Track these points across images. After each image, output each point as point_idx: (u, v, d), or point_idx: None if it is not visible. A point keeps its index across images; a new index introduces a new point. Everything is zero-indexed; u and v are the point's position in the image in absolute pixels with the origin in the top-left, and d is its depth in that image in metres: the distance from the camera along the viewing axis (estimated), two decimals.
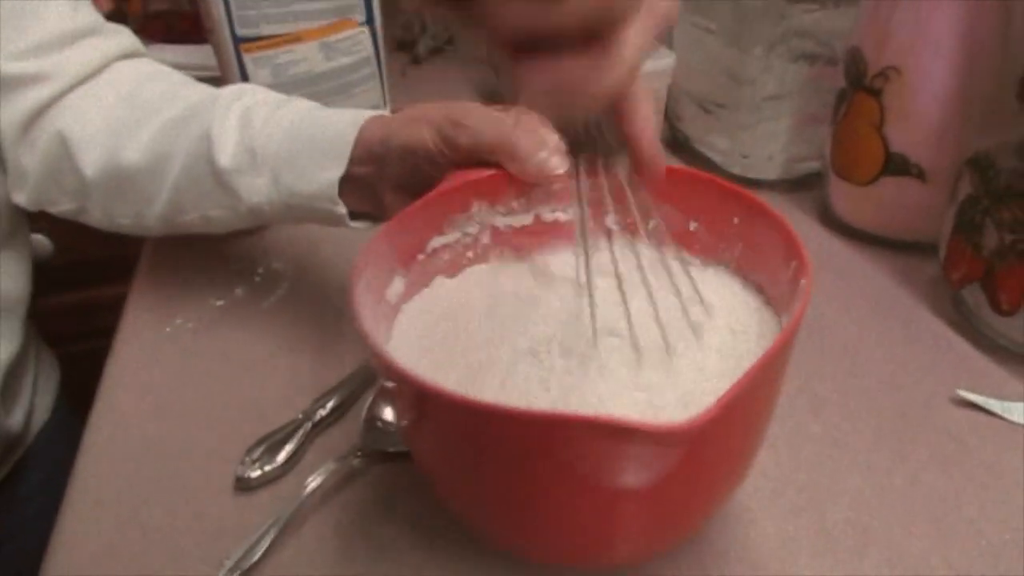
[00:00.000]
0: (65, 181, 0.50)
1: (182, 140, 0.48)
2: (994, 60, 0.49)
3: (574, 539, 0.32)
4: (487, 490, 0.31)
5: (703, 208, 0.38)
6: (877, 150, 0.54)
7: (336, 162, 0.43)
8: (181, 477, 0.41)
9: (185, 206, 0.49)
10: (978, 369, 0.45)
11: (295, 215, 0.47)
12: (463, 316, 0.38)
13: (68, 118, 0.50)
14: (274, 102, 0.49)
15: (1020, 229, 0.43)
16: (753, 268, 0.37)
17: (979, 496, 0.37)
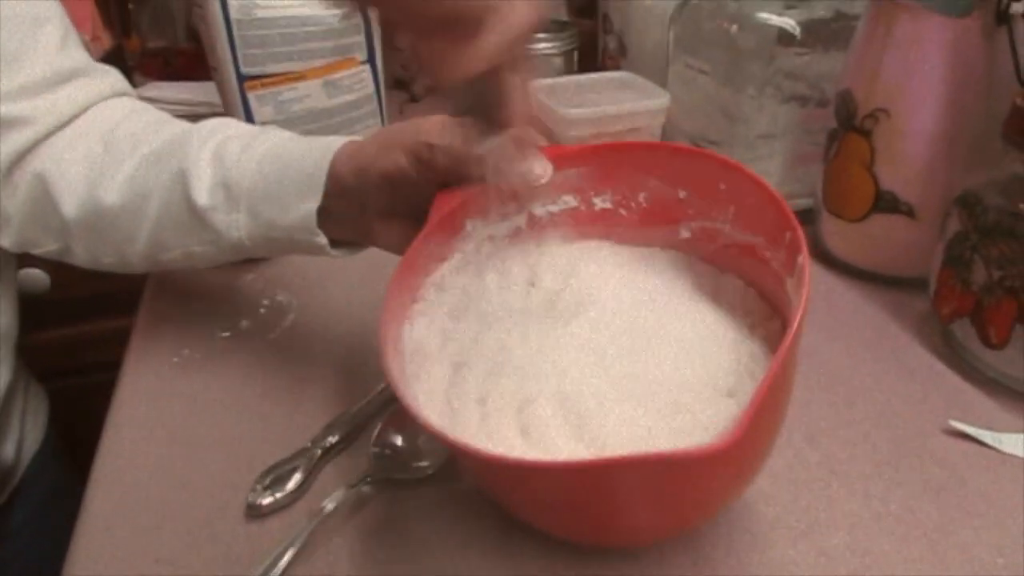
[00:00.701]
0: (47, 223, 0.50)
1: (158, 179, 0.48)
2: (979, 102, 0.51)
3: (600, 529, 0.36)
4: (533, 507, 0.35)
5: (690, 177, 0.42)
6: (867, 188, 0.56)
7: (312, 194, 0.44)
8: (192, 505, 0.41)
9: (167, 243, 0.49)
10: (968, 401, 0.47)
11: (277, 247, 0.48)
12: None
13: (48, 161, 0.50)
14: (247, 135, 0.49)
15: (1008, 265, 0.44)
16: (747, 228, 0.40)
17: (972, 523, 0.39)
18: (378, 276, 0.51)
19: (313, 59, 0.75)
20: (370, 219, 0.44)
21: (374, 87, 0.81)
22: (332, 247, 0.46)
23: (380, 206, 0.44)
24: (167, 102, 0.98)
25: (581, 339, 0.39)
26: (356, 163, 0.43)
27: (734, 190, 0.41)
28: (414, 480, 0.42)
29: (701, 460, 0.26)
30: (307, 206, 0.44)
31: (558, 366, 0.38)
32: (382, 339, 0.34)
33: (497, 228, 0.44)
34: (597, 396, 0.36)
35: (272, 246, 0.47)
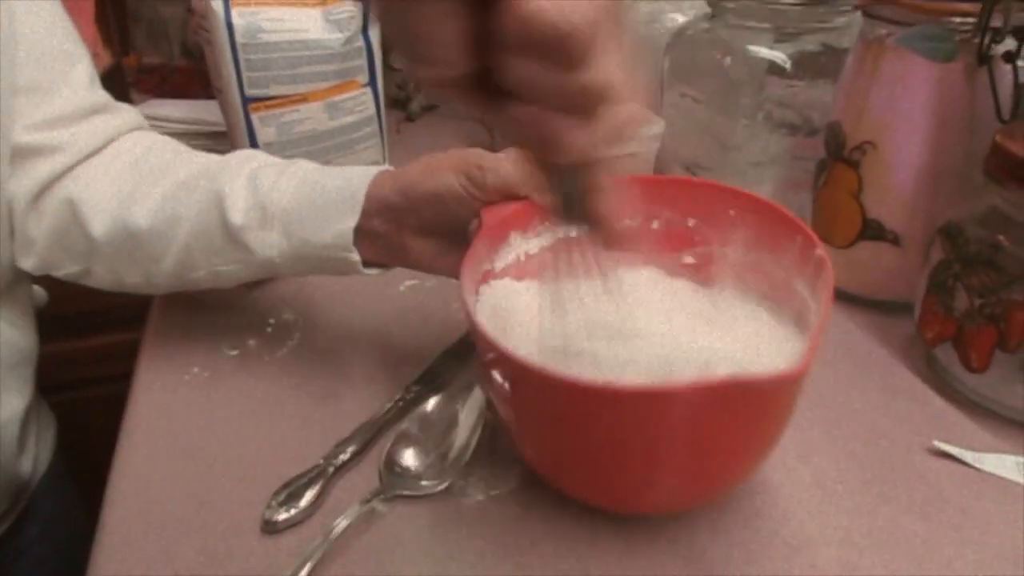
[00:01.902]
0: (72, 245, 0.52)
1: (191, 201, 0.50)
2: (962, 137, 0.54)
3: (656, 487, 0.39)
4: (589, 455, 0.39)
5: (694, 206, 0.47)
6: (855, 216, 0.58)
7: (350, 213, 0.47)
8: (209, 521, 0.43)
9: (196, 263, 0.51)
10: (952, 422, 0.49)
11: (307, 266, 0.50)
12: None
13: (77, 186, 0.52)
14: (281, 164, 0.52)
15: (987, 293, 0.47)
16: (759, 247, 0.45)
17: (955, 538, 0.41)
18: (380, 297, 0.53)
19: (316, 82, 0.77)
20: (405, 237, 0.47)
21: (375, 109, 0.83)
22: (363, 267, 0.48)
23: (418, 223, 0.47)
24: (165, 120, 0.99)
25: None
26: (400, 183, 0.47)
27: (742, 215, 0.46)
28: (423, 496, 0.43)
29: (779, 381, 0.32)
30: (344, 224, 0.47)
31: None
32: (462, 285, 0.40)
33: (534, 243, 0.48)
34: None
35: (302, 265, 0.49)
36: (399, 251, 0.48)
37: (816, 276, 0.41)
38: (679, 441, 0.36)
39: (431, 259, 0.48)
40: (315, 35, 0.75)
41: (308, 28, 0.75)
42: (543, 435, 0.41)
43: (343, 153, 0.82)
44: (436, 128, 1.06)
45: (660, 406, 0.34)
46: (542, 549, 0.41)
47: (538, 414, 0.40)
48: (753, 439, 0.38)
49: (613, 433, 0.36)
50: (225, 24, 0.71)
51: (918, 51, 0.51)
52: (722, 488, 0.42)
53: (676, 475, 0.38)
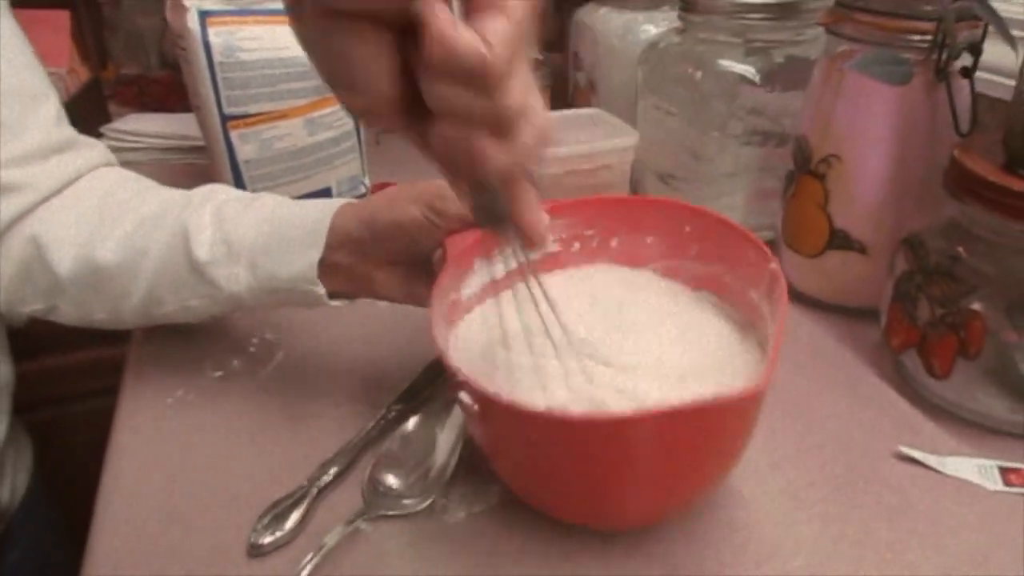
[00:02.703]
0: (38, 283, 0.52)
1: (157, 237, 0.50)
2: (923, 149, 0.55)
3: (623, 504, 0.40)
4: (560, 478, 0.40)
5: (653, 223, 0.48)
6: (822, 227, 0.60)
7: (313, 247, 0.47)
8: (195, 545, 0.43)
9: (162, 299, 0.51)
10: (917, 427, 0.51)
11: (274, 299, 0.50)
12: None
13: (42, 223, 0.52)
14: (246, 197, 0.53)
15: (948, 303, 0.48)
16: (713, 260, 0.47)
17: (920, 543, 0.42)
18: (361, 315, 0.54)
19: (295, 98, 0.78)
20: (370, 269, 0.48)
21: (354, 124, 0.84)
22: (329, 298, 0.49)
23: (382, 255, 0.48)
24: (145, 135, 0.99)
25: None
26: (362, 216, 0.47)
27: (698, 231, 0.48)
28: (406, 515, 0.44)
29: (742, 400, 0.33)
30: (308, 257, 0.47)
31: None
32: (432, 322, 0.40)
33: (499, 267, 0.48)
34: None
35: (269, 299, 0.50)
36: (364, 282, 0.49)
37: (771, 290, 0.42)
38: (645, 463, 0.37)
39: (396, 289, 0.49)
40: (293, 52, 0.76)
41: (286, 46, 0.75)
42: (514, 461, 0.42)
43: (323, 168, 0.82)
44: None
45: (622, 433, 0.35)
46: (523, 565, 0.42)
47: (508, 442, 0.41)
48: (718, 454, 0.39)
49: (579, 459, 0.38)
50: (202, 43, 0.72)
51: (874, 75, 0.53)
52: (692, 500, 0.43)
53: (645, 494, 0.39)
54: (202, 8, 0.71)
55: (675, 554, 0.42)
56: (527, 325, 0.45)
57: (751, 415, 0.38)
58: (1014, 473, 0.46)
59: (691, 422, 0.34)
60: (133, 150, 0.97)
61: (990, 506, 0.44)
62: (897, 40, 0.53)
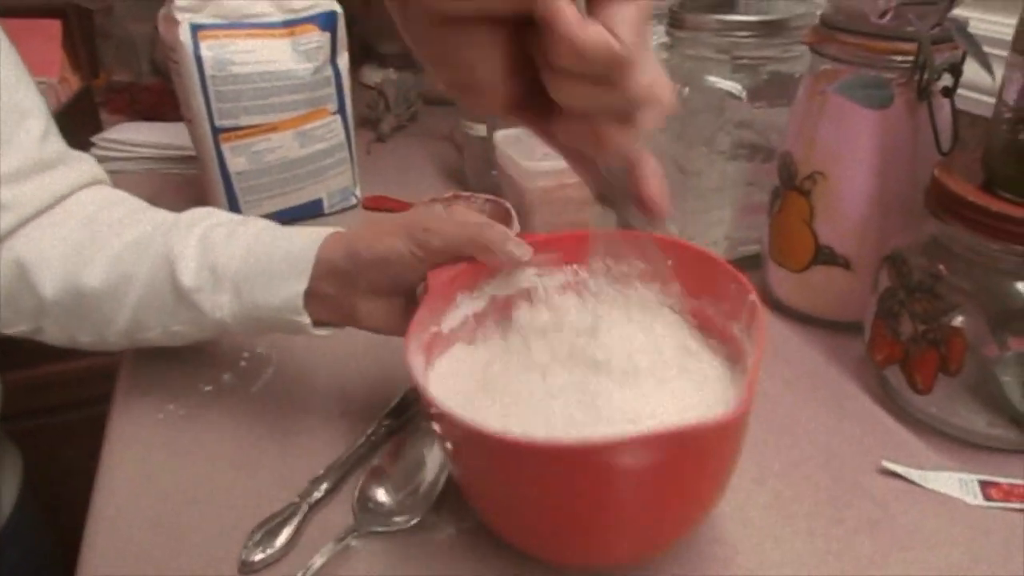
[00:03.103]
0: (23, 305, 0.52)
1: (142, 262, 0.50)
2: (906, 167, 0.56)
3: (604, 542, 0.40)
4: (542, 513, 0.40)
5: (636, 256, 0.47)
6: (808, 242, 0.60)
7: (299, 277, 0.48)
8: (186, 563, 0.44)
9: (148, 323, 0.52)
10: (900, 441, 0.52)
11: (259, 327, 0.51)
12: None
13: (27, 245, 0.51)
14: (232, 222, 0.53)
15: (930, 320, 0.49)
16: (696, 293, 0.47)
17: (902, 557, 0.43)
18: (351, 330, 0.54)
19: (286, 111, 0.78)
20: (355, 300, 0.48)
21: (344, 136, 0.84)
22: (313, 327, 0.49)
23: (366, 286, 0.48)
24: (136, 145, 0.99)
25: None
26: (348, 248, 0.47)
27: (681, 264, 0.47)
28: (396, 532, 0.45)
29: (719, 428, 0.33)
30: (294, 288, 0.47)
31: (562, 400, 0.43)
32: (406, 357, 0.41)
33: (480, 301, 0.49)
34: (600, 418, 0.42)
35: (254, 325, 0.50)
36: (349, 313, 0.49)
37: (751, 322, 0.42)
38: (621, 494, 0.37)
39: (381, 321, 0.49)
40: (284, 66, 0.76)
41: (277, 59, 0.76)
42: (492, 499, 0.42)
43: (314, 180, 0.83)
44: (407, 148, 1.08)
45: (597, 460, 0.35)
46: None
47: (484, 478, 0.41)
48: (697, 487, 0.39)
49: (554, 491, 0.37)
50: (194, 57, 0.72)
51: (855, 99, 0.54)
52: (674, 537, 0.43)
53: (622, 530, 0.39)
54: (194, 22, 0.72)
55: (663, 568, 0.43)
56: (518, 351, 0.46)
57: (729, 444, 0.38)
58: (994, 488, 0.47)
59: (666, 450, 0.34)
60: (124, 159, 0.97)
61: (971, 521, 0.45)
62: (879, 61, 0.54)
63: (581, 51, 0.27)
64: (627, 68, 0.28)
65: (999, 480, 0.48)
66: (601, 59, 0.27)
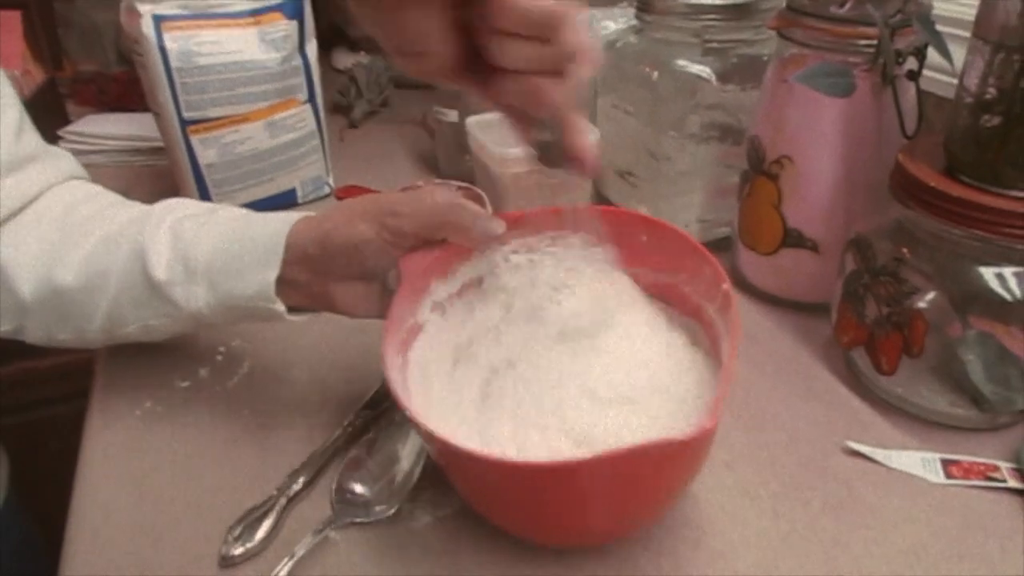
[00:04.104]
0: (2, 305, 0.52)
1: (115, 258, 0.50)
2: (871, 151, 0.57)
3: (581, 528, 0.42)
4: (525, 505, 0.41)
5: (611, 232, 0.49)
6: (776, 226, 0.61)
7: (270, 265, 0.48)
8: (167, 558, 0.44)
9: (125, 319, 0.52)
10: (866, 422, 0.53)
11: (234, 316, 0.51)
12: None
13: (3, 245, 0.51)
14: (202, 212, 0.53)
15: (894, 303, 0.50)
16: (670, 269, 0.49)
17: (863, 536, 0.44)
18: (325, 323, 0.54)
19: (255, 102, 0.77)
20: (327, 285, 0.48)
21: (315, 124, 0.84)
22: (289, 313, 0.49)
23: (338, 272, 0.48)
24: (106, 137, 0.98)
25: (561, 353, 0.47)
26: (316, 233, 0.47)
27: (655, 241, 0.49)
28: (374, 522, 0.46)
29: (695, 440, 0.34)
30: (265, 276, 0.47)
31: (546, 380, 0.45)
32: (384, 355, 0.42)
33: (454, 284, 0.50)
34: (580, 406, 0.43)
35: (230, 315, 0.50)
36: (323, 298, 0.49)
37: (725, 309, 0.43)
38: (593, 501, 0.38)
39: (354, 305, 0.49)
40: (251, 56, 0.76)
41: (243, 49, 0.75)
42: (469, 492, 0.44)
43: (286, 170, 0.83)
44: (379, 133, 1.07)
45: (566, 476, 0.36)
46: (487, 567, 0.43)
47: (463, 479, 0.43)
48: (668, 485, 0.40)
49: (525, 496, 0.39)
50: (158, 49, 0.71)
51: (818, 88, 0.54)
52: (648, 521, 0.44)
53: (600, 521, 0.41)
54: (157, 13, 0.71)
55: (633, 555, 0.44)
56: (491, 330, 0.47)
57: (699, 450, 0.40)
58: (955, 466, 0.49)
59: (637, 463, 0.35)
60: (94, 152, 0.96)
61: (932, 499, 0.47)
62: (844, 45, 0.55)
63: (514, 7, 0.33)
64: (558, 24, 0.34)
65: (960, 458, 0.49)
66: (532, 15, 0.33)
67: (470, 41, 0.37)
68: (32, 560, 0.70)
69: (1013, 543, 0.44)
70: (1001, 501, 0.47)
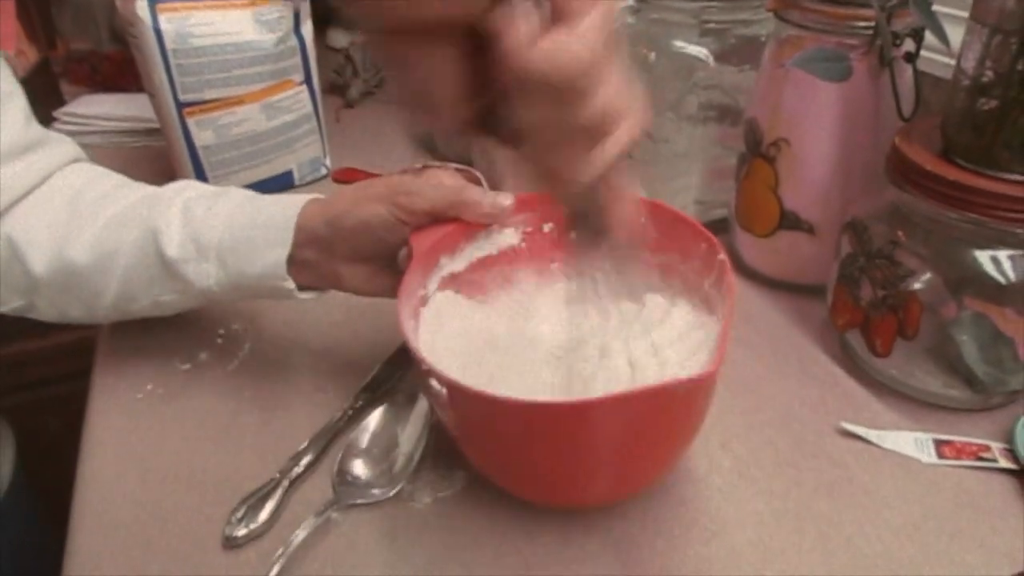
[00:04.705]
0: (15, 282, 0.53)
1: (128, 235, 0.51)
2: (868, 134, 0.57)
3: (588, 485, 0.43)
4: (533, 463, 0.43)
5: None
6: (773, 208, 0.62)
7: (281, 244, 0.49)
8: (172, 540, 0.45)
9: (135, 295, 0.53)
10: (860, 403, 0.53)
11: (244, 293, 0.52)
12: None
13: (16, 225, 0.52)
14: (212, 194, 0.54)
15: (889, 286, 0.51)
16: (670, 250, 0.49)
17: (856, 515, 0.45)
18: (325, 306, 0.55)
19: (251, 84, 0.77)
20: (336, 264, 0.49)
21: (312, 106, 0.84)
22: (298, 291, 0.50)
23: (347, 252, 0.49)
24: (101, 118, 0.98)
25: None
26: (328, 215, 0.49)
27: (652, 221, 0.49)
28: (374, 503, 0.46)
29: (699, 383, 0.36)
30: (276, 255, 0.49)
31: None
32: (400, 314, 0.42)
33: (458, 264, 0.51)
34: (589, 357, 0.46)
35: (240, 292, 0.51)
36: (331, 277, 0.50)
37: (721, 279, 0.45)
38: (606, 443, 0.39)
39: (363, 284, 0.51)
40: (247, 37, 0.75)
41: (239, 31, 0.75)
42: (480, 444, 0.44)
43: (283, 152, 0.83)
44: (376, 114, 1.07)
45: (583, 416, 0.37)
46: (487, 546, 0.44)
47: (474, 427, 0.43)
48: (672, 435, 0.42)
49: (542, 441, 0.40)
50: (153, 31, 0.71)
51: (814, 73, 0.54)
52: (649, 479, 0.46)
53: (606, 473, 0.42)
54: None
55: (630, 533, 0.44)
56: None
57: (702, 398, 0.41)
58: (947, 446, 0.49)
59: (646, 405, 0.36)
60: (89, 133, 0.95)
61: (924, 479, 0.47)
62: (841, 27, 0.54)
63: (529, 69, 0.26)
64: (580, 88, 0.27)
65: (952, 439, 0.50)
66: (550, 77, 0.26)
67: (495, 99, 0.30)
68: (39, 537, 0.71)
69: (1004, 522, 0.45)
70: (992, 481, 0.47)
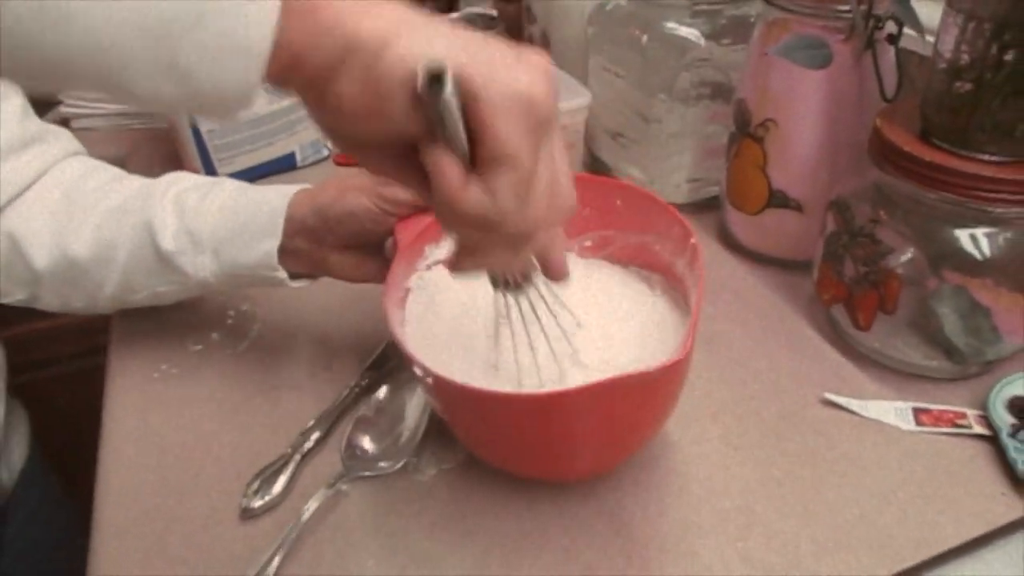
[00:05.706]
0: (18, 276, 0.55)
1: (125, 228, 0.53)
2: (853, 114, 0.59)
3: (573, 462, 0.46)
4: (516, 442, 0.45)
5: (589, 198, 0.51)
6: (762, 187, 0.64)
7: (272, 235, 0.51)
8: (191, 512, 0.48)
9: (135, 287, 0.55)
10: (844, 375, 0.56)
11: (239, 283, 0.55)
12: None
13: (16, 219, 0.54)
14: (203, 185, 0.56)
15: (871, 263, 0.53)
16: (644, 232, 0.52)
17: (837, 483, 0.48)
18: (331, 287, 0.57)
19: None
20: (325, 252, 0.52)
21: None
22: (290, 279, 0.53)
23: (336, 240, 0.52)
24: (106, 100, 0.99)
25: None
26: (315, 205, 0.51)
27: (628, 205, 0.52)
28: (382, 476, 0.49)
29: (669, 368, 0.38)
30: (267, 245, 0.51)
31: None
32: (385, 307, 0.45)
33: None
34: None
35: (235, 282, 0.54)
36: (321, 264, 0.53)
37: (693, 262, 0.47)
38: (582, 430, 0.42)
39: (351, 271, 0.53)
40: None
41: None
42: (465, 428, 0.47)
43: (285, 134, 0.84)
44: None
45: (557, 407, 0.40)
46: (488, 515, 0.47)
47: (458, 413, 0.46)
48: (648, 417, 0.45)
49: (521, 429, 0.43)
50: None
51: (795, 61, 0.56)
52: (631, 453, 0.49)
53: (586, 454, 0.45)
54: None
55: (623, 501, 0.47)
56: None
57: (675, 379, 0.43)
58: (925, 414, 0.52)
59: (618, 393, 0.38)
60: (94, 116, 0.97)
61: (902, 446, 0.50)
62: (825, 9, 0.56)
63: (459, 211, 0.31)
64: (500, 225, 0.32)
65: (930, 407, 0.53)
66: (478, 223, 0.31)
67: None
68: (57, 507, 0.74)
69: (977, 486, 0.47)
70: (967, 446, 0.50)
